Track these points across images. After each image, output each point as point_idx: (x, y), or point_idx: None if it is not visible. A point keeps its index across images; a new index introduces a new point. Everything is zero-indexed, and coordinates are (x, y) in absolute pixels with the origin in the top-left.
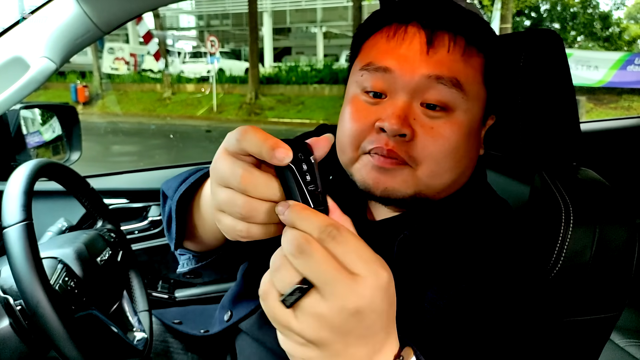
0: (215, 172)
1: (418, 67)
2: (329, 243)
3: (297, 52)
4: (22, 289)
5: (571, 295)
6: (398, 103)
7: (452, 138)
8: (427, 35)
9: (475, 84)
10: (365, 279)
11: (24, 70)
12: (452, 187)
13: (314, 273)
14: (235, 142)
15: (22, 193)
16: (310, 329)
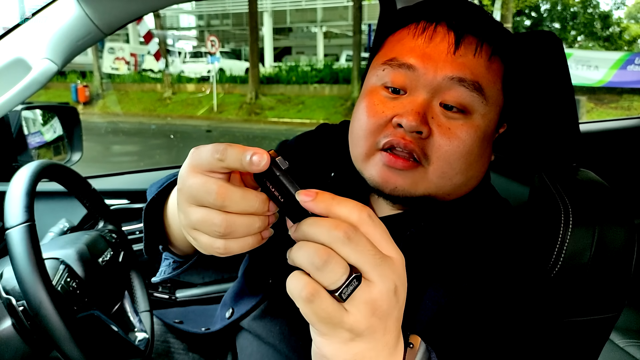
0: (186, 192)
1: (442, 67)
2: (369, 226)
3: (298, 52)
4: (25, 289)
5: (570, 295)
6: (418, 100)
7: (467, 140)
8: (456, 37)
9: (495, 90)
10: (397, 258)
11: (26, 72)
12: (461, 190)
13: (364, 258)
14: (215, 160)
15: (24, 194)
16: (363, 318)
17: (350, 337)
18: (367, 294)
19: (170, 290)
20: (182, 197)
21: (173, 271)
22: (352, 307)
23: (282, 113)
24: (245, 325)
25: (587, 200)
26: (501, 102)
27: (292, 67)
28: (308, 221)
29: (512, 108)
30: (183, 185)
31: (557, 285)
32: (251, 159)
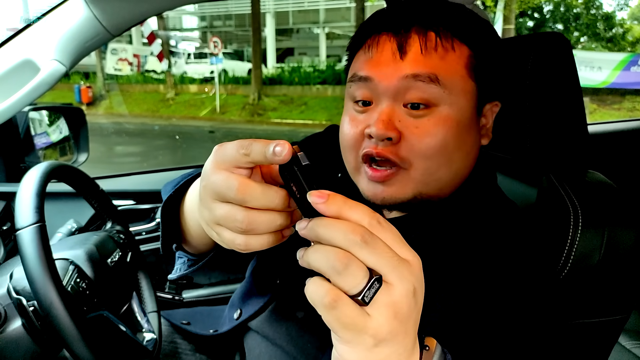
0: (210, 188)
1: (393, 71)
2: (380, 230)
3: (300, 53)
4: (36, 290)
5: (579, 297)
6: (382, 108)
7: (438, 134)
8: (398, 42)
9: (458, 78)
10: (413, 261)
11: (35, 73)
12: (454, 182)
13: (383, 260)
14: (240, 156)
15: (34, 195)
16: (386, 322)
17: (374, 342)
18: (388, 297)
19: (177, 291)
20: (206, 193)
21: (189, 268)
22: (374, 311)
23: (284, 114)
24: (253, 326)
25: (597, 202)
26: (471, 87)
27: (295, 68)
28: (323, 222)
29: (493, 88)
30: (207, 182)
31: (565, 287)
32: (274, 150)
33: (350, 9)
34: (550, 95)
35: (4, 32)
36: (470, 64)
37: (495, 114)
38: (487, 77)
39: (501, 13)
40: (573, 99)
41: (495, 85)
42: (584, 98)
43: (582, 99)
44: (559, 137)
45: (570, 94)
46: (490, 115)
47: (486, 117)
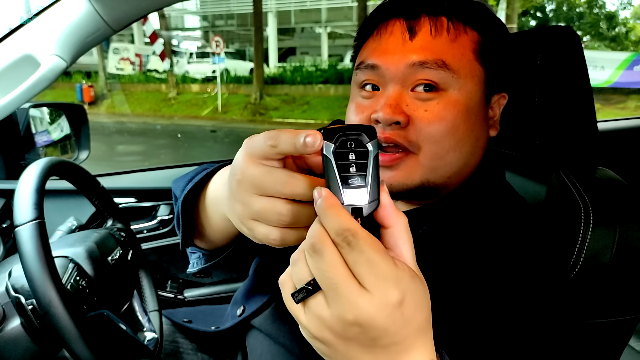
0: (248, 182)
1: (400, 57)
2: (343, 248)
3: (302, 52)
4: (34, 288)
5: (590, 297)
6: (389, 93)
7: (447, 117)
8: (408, 25)
9: (466, 62)
10: (371, 295)
11: (35, 68)
12: (462, 170)
13: (322, 275)
14: (268, 147)
15: (33, 191)
16: (314, 328)
17: (309, 336)
18: (317, 309)
19: (178, 289)
20: (242, 187)
21: (206, 263)
22: (307, 313)
23: (286, 113)
24: (256, 324)
25: (608, 199)
26: (479, 72)
27: (297, 67)
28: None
29: (501, 77)
30: (243, 176)
31: (576, 286)
32: (305, 141)
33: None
34: (560, 90)
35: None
36: (479, 49)
37: (503, 106)
38: (495, 64)
39: (504, 12)
40: (583, 95)
41: (503, 74)
42: None
43: (592, 95)
44: (569, 133)
45: (580, 90)
46: (497, 107)
47: (493, 109)
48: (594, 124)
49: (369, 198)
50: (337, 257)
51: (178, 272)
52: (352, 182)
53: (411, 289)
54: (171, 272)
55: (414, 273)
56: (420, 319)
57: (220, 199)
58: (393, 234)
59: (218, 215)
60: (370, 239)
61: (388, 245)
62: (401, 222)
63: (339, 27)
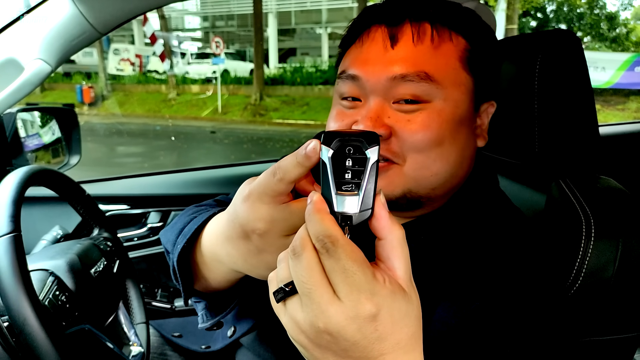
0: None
1: (381, 69)
2: (322, 254)
3: (302, 53)
4: (9, 305)
5: (592, 313)
6: (370, 105)
7: (432, 126)
8: (389, 32)
9: (451, 71)
10: (342, 305)
11: (18, 73)
12: (449, 182)
13: (298, 278)
14: (277, 182)
15: (10, 203)
16: (291, 330)
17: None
18: (293, 312)
19: (169, 299)
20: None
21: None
22: (286, 314)
23: (286, 114)
24: (246, 343)
25: (610, 211)
26: (468, 80)
27: (297, 68)
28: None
29: (490, 84)
30: (269, 224)
31: (577, 303)
32: (306, 153)
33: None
34: (560, 96)
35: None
36: (466, 56)
37: (491, 114)
38: (483, 71)
39: (504, 12)
40: (584, 100)
41: (492, 82)
42: None
43: (594, 100)
44: (570, 140)
45: (581, 95)
46: (485, 116)
47: (481, 118)
48: (595, 130)
49: (360, 207)
50: (314, 262)
51: (168, 281)
52: (346, 189)
53: (388, 304)
54: (162, 280)
55: (396, 288)
56: (401, 336)
57: (223, 257)
58: (385, 246)
59: (221, 271)
60: (349, 247)
61: (380, 256)
62: (395, 234)
63: (339, 28)
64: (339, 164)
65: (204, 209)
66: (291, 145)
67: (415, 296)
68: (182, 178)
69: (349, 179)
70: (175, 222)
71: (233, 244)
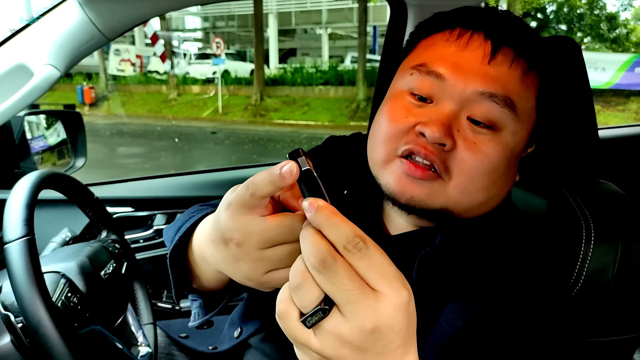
0: (253, 241)
1: (473, 79)
2: (353, 255)
3: (303, 54)
4: (23, 307)
5: (591, 315)
6: (444, 111)
7: (493, 157)
8: (493, 46)
9: (528, 107)
10: (387, 296)
11: (28, 78)
12: (481, 209)
13: (337, 291)
14: (249, 197)
15: (24, 207)
16: (330, 348)
17: (319, 358)
18: (335, 327)
19: (175, 300)
20: (247, 248)
21: (207, 313)
22: (320, 335)
23: (287, 115)
24: (254, 343)
25: (610, 215)
26: (533, 119)
27: (297, 68)
28: (302, 234)
29: (544, 127)
30: (244, 236)
31: (578, 305)
32: (281, 173)
33: (353, 9)
34: (560, 102)
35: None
36: (539, 97)
37: (526, 154)
38: (546, 113)
39: None
40: (584, 106)
41: (545, 127)
42: None
43: (593, 106)
44: (570, 145)
45: (581, 101)
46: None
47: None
48: (595, 136)
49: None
50: (349, 268)
51: None
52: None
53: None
54: (167, 281)
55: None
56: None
57: (208, 257)
58: None
59: (210, 271)
60: (374, 242)
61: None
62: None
63: (339, 29)
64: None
65: (205, 208)
66: (292, 145)
67: None
68: (188, 180)
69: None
70: (177, 221)
71: (216, 247)
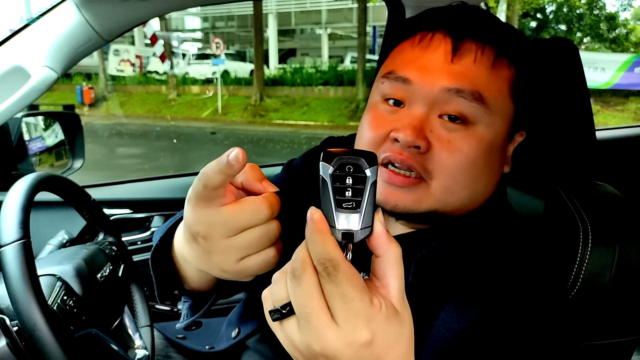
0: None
1: (438, 78)
2: (323, 277)
3: (302, 54)
4: (19, 311)
5: (590, 318)
6: (415, 113)
7: (470, 153)
8: (453, 44)
9: (500, 98)
10: (340, 330)
11: (25, 80)
12: (471, 205)
13: (297, 301)
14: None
15: (19, 210)
16: (287, 347)
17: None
18: (289, 332)
19: (172, 302)
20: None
21: (195, 314)
22: (279, 332)
23: (286, 115)
24: (251, 344)
25: (607, 217)
26: (510, 109)
27: (297, 69)
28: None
29: (527, 115)
30: (208, 227)
31: (575, 307)
32: (228, 161)
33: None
34: (558, 104)
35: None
36: (514, 85)
37: (518, 143)
38: (526, 101)
39: (504, 14)
40: (581, 108)
41: (529, 112)
42: None
43: (591, 108)
44: (567, 147)
45: (578, 103)
46: (513, 144)
47: (512, 144)
48: (592, 138)
49: (361, 224)
50: (314, 286)
51: None
52: (346, 206)
53: (383, 328)
54: None
55: (391, 312)
56: (395, 355)
57: (187, 257)
58: (382, 263)
59: (192, 271)
60: (350, 272)
61: (376, 273)
62: (392, 253)
63: (339, 29)
64: (339, 182)
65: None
66: (291, 146)
67: (407, 314)
68: (186, 182)
69: (350, 196)
70: (167, 222)
71: (189, 245)
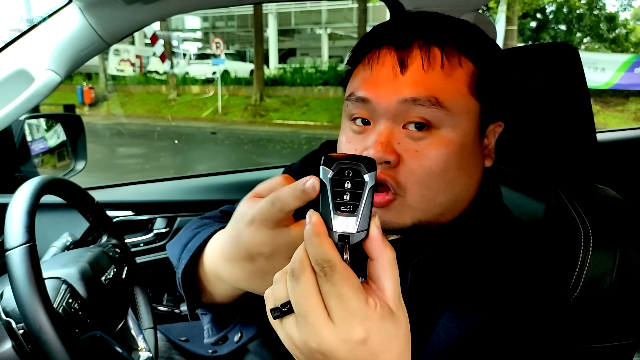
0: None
1: (392, 92)
2: (320, 277)
3: (302, 54)
4: (25, 314)
5: (590, 321)
6: (380, 129)
7: (439, 158)
8: (399, 56)
9: (459, 98)
10: (336, 328)
11: (29, 83)
12: (457, 206)
13: (295, 300)
14: (277, 212)
15: (25, 213)
16: (287, 344)
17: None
18: (288, 330)
19: (175, 303)
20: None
21: (218, 328)
22: (279, 329)
23: (286, 115)
24: (252, 348)
25: (608, 221)
26: (474, 106)
27: (297, 68)
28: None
29: (497, 106)
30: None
31: (576, 311)
32: (305, 189)
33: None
34: (559, 108)
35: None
36: (474, 82)
37: (498, 134)
38: (491, 96)
39: (504, 14)
40: (582, 112)
41: (500, 105)
42: None
43: (592, 111)
44: (568, 150)
45: (579, 107)
46: (492, 136)
47: (488, 138)
48: (593, 141)
49: (358, 227)
50: (312, 285)
51: (174, 286)
52: (344, 209)
53: (378, 327)
54: (168, 285)
55: (386, 312)
56: (390, 355)
57: (225, 276)
58: (377, 266)
59: (224, 288)
60: (346, 273)
61: (372, 276)
62: (386, 256)
63: (339, 29)
64: (338, 185)
65: (208, 222)
66: (291, 146)
67: (403, 315)
68: (188, 184)
69: (348, 200)
70: (180, 236)
71: (237, 265)
